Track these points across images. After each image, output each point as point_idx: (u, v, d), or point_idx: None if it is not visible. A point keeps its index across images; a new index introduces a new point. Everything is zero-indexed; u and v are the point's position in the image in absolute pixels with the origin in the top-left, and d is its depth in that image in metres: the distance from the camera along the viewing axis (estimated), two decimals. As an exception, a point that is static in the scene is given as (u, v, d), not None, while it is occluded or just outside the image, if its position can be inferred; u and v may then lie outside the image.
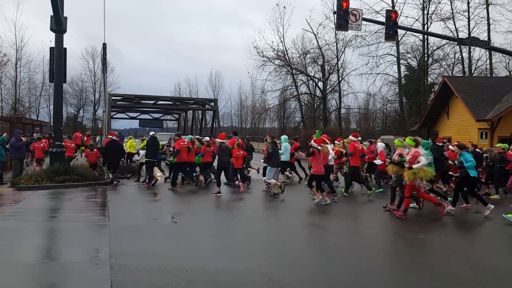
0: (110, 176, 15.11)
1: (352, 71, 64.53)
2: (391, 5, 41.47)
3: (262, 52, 47.48)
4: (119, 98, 41.20)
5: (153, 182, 14.19)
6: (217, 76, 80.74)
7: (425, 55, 42.92)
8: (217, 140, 14.20)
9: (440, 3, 44.47)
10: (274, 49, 47.92)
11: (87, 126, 57.61)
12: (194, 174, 14.95)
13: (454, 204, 10.32)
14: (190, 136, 16.21)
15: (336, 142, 14.58)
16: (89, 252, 6.38)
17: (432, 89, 41.39)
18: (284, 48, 48.47)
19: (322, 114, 49.93)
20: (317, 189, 11.17)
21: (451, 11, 42.04)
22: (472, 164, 10.02)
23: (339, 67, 47.46)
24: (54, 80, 15.61)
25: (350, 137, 13.18)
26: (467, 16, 41.93)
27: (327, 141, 11.87)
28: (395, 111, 49.03)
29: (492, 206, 10.17)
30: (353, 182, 13.15)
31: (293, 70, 48.64)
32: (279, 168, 13.27)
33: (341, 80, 48.14)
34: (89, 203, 11.30)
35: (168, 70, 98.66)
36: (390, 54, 44.06)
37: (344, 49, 46.45)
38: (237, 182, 13.58)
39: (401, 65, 43.90)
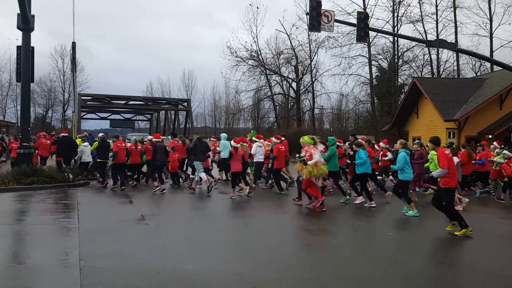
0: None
1: (325, 71, 65.17)
2: (362, 7, 42.21)
3: (236, 52, 47.45)
4: (89, 98, 40.38)
5: (105, 183, 14.18)
6: (190, 76, 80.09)
7: (396, 57, 43.87)
8: (153, 139, 14.47)
9: (409, 6, 45.67)
10: (248, 49, 47.97)
11: (56, 127, 56.12)
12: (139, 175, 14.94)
13: (370, 199, 10.93)
14: (135, 137, 16.16)
15: (267, 142, 14.53)
16: (58, 255, 6.22)
17: (402, 90, 42.32)
18: (258, 49, 48.59)
19: (296, 114, 50.29)
20: (235, 185, 12.06)
21: (420, 14, 43.23)
22: (361, 162, 10.56)
23: (313, 68, 47.94)
24: (21, 79, 15.19)
25: (273, 139, 13.33)
26: (435, 19, 43.20)
27: (257, 140, 13.25)
28: (367, 112, 49.91)
29: (363, 200, 10.95)
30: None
31: (267, 71, 48.80)
32: (203, 162, 13.36)
33: (315, 80, 48.64)
34: (58, 205, 11.04)
35: (140, 69, 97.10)
36: (362, 56, 44.85)
37: (317, 50, 46.97)
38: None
39: (372, 66, 44.74)
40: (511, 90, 23.01)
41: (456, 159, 10.67)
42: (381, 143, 14.14)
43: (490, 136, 22.79)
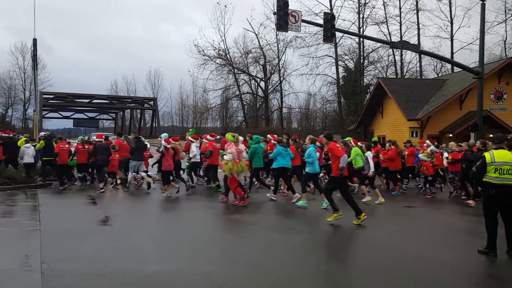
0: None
1: (293, 71, 66.11)
2: (329, 8, 42.83)
3: (203, 50, 47.24)
4: (52, 96, 39.20)
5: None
6: (157, 74, 78.38)
7: (361, 57, 44.79)
8: (95, 139, 14.59)
9: (374, 8, 46.76)
10: (216, 47, 47.83)
11: (16, 127, 54.04)
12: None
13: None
14: (81, 137, 15.93)
15: (204, 140, 14.40)
16: (19, 258, 5.98)
17: (368, 90, 43.25)
18: (226, 47, 48.55)
19: (264, 113, 50.55)
20: (166, 183, 12.30)
21: (384, 16, 44.31)
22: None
23: (281, 67, 48.33)
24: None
25: (208, 136, 13.51)
26: (399, 21, 44.38)
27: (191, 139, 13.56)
28: (334, 111, 50.72)
29: (299, 196, 10.99)
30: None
31: (235, 70, 48.82)
32: (142, 162, 13.48)
33: (283, 80, 49.07)
34: (19, 207, 10.66)
35: (104, 67, 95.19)
36: (329, 56, 45.53)
37: (285, 49, 47.42)
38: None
39: (339, 66, 45.49)
40: (470, 91, 23.89)
41: (370, 154, 11.74)
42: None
43: (451, 135, 23.65)
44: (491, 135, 7.61)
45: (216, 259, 6.16)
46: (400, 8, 44.29)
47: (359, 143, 13.69)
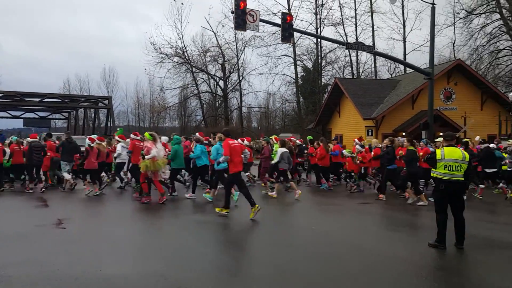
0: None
1: (252, 70, 65.98)
2: (287, 8, 43.30)
3: (160, 48, 46.45)
4: (0, 95, 37.24)
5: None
6: (111, 73, 76.33)
7: (319, 58, 45.62)
8: (28, 139, 14.45)
9: (331, 9, 47.79)
10: (173, 45, 47.16)
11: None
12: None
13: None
14: (16, 137, 15.49)
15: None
16: (-39, 266, 5.64)
17: (326, 90, 44.12)
18: (183, 45, 47.96)
19: (223, 112, 50.38)
20: (94, 182, 12.43)
21: (341, 17, 45.38)
22: (194, 156, 11.72)
23: (240, 66, 48.33)
24: None
25: (131, 135, 13.42)
26: (354, 23, 45.57)
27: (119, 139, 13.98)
28: (293, 110, 51.37)
29: (190, 195, 11.75)
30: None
31: (193, 68, 48.32)
32: (72, 163, 13.51)
33: (242, 79, 49.09)
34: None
35: (55, 65, 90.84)
36: (288, 56, 46.07)
37: (244, 48, 47.49)
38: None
39: (297, 66, 46.13)
40: (421, 91, 24.83)
41: (280, 150, 12.33)
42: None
43: (404, 133, 24.49)
44: (441, 133, 7.96)
45: (172, 260, 6.07)
46: (355, 10, 45.60)
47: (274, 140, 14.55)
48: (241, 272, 5.70)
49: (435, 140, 13.51)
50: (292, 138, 16.62)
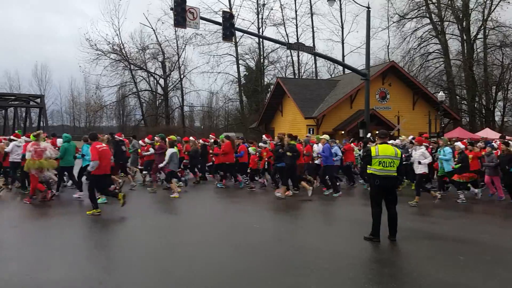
0: None
1: (194, 69, 64.98)
2: (228, 6, 43.23)
3: (96, 45, 44.74)
4: None
5: None
6: (44, 70, 72.33)
7: (262, 57, 45.99)
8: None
9: (272, 9, 48.35)
10: (109, 42, 45.53)
11: None
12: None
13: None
14: None
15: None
16: None
17: (269, 89, 44.59)
18: (121, 42, 46.48)
19: (164, 112, 49.38)
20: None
21: (282, 18, 46.03)
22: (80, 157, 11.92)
23: (181, 65, 47.62)
24: None
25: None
26: (295, 24, 46.43)
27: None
28: (237, 109, 51.44)
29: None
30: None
31: (131, 66, 46.94)
32: None
33: (183, 77, 48.40)
34: None
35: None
36: (230, 54, 46.01)
37: (185, 46, 46.88)
38: None
39: (240, 65, 46.25)
40: (359, 91, 25.76)
41: (170, 150, 12.33)
42: (146, 139, 15.30)
43: (343, 132, 25.33)
44: (377, 131, 8.27)
45: (108, 264, 5.81)
46: (296, 11, 46.48)
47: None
48: (178, 274, 5.53)
49: (399, 138, 14.52)
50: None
